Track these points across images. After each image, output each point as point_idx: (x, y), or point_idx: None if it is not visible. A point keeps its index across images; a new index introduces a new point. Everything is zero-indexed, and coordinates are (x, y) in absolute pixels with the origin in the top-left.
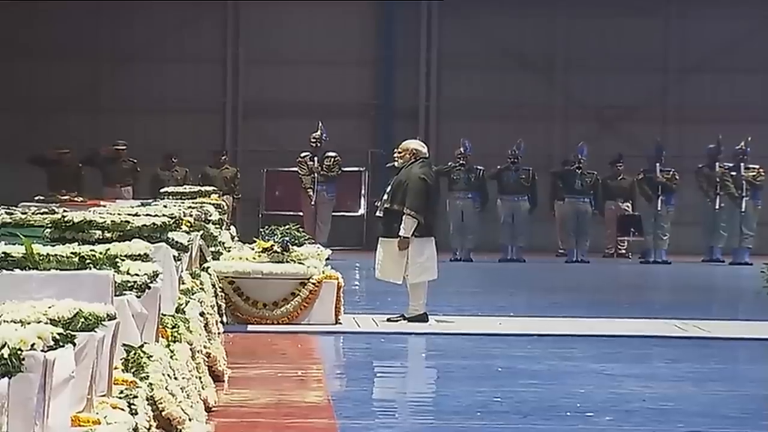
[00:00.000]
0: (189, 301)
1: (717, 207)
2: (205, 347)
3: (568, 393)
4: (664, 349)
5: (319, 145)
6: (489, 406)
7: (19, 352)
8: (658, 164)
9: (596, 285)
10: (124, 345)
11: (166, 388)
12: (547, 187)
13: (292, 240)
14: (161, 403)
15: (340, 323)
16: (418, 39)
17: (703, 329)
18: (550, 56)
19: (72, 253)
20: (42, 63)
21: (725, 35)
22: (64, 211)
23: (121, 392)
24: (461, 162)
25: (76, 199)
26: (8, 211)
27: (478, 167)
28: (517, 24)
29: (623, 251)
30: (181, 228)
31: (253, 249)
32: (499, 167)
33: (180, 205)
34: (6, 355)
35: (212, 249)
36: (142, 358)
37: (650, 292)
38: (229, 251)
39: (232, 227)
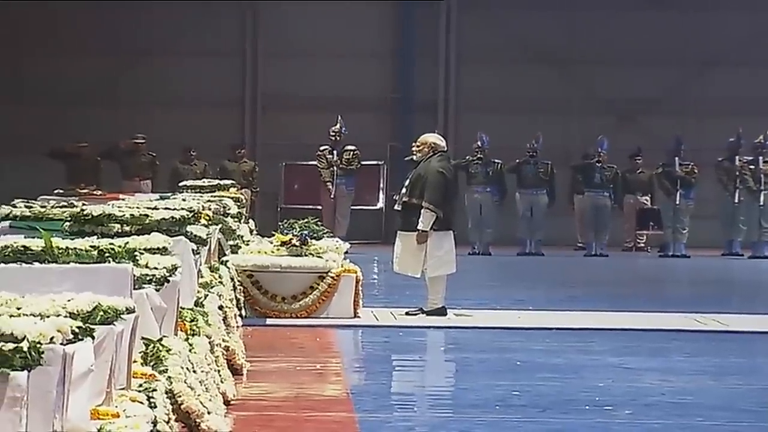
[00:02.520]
0: (208, 295)
1: (736, 201)
2: (223, 341)
3: (586, 387)
4: (683, 342)
5: (338, 138)
6: (507, 399)
7: (38, 346)
8: (677, 158)
9: (615, 279)
10: (143, 338)
11: (185, 382)
12: (566, 180)
13: (311, 234)
14: (180, 396)
15: (359, 317)
16: (436, 32)
17: (722, 323)
18: (569, 49)
19: (91, 246)
20: (61, 57)
21: (744, 28)
22: (83, 204)
23: (140, 385)
24: (479, 156)
25: (95, 192)
26: (28, 204)
27: (496, 161)
28: (535, 17)
29: (642, 245)
30: (199, 221)
31: (271, 242)
32: (517, 161)
33: (199, 199)
34: (25, 349)
35: (231, 242)
36: (161, 351)
37: (669, 286)
38: (247, 245)
39: (250, 221)
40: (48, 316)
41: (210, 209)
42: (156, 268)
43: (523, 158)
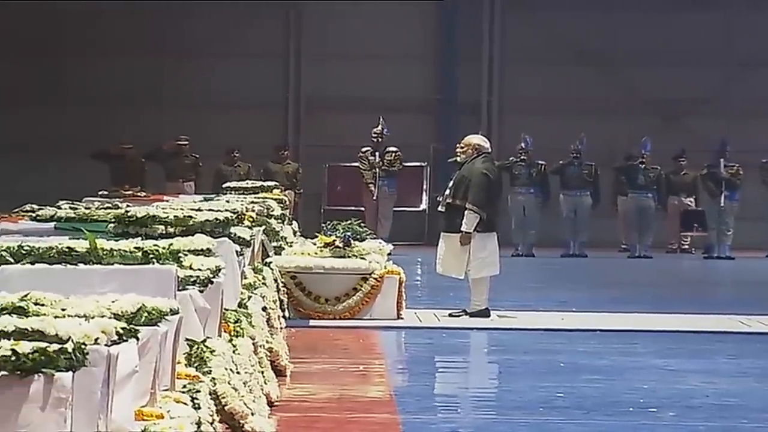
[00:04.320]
0: (251, 296)
1: None
2: (267, 342)
3: (630, 388)
4: (727, 344)
5: (380, 140)
6: (551, 401)
7: (83, 347)
8: (722, 159)
9: (659, 280)
10: (187, 339)
11: (229, 383)
12: (610, 182)
13: (354, 235)
14: (224, 397)
15: (402, 318)
16: (480, 33)
17: (767, 325)
18: (612, 50)
19: (135, 248)
20: (106, 58)
21: None
22: (128, 206)
23: (184, 386)
24: (523, 157)
25: (139, 194)
26: (72, 206)
27: (540, 162)
28: (579, 18)
29: (686, 246)
30: (243, 223)
31: (315, 244)
32: (561, 162)
33: (242, 200)
34: (70, 350)
35: (274, 244)
36: (204, 352)
37: (713, 288)
38: (291, 246)
39: (294, 222)
40: (93, 318)
41: (254, 211)
42: (200, 270)
43: (566, 160)
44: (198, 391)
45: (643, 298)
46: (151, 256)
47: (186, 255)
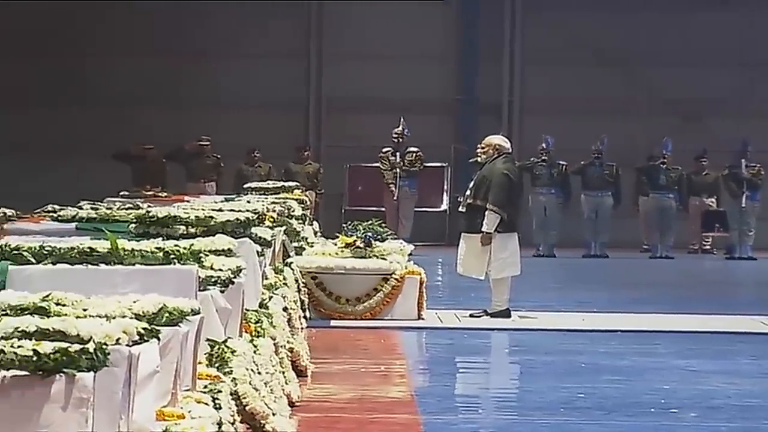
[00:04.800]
0: (272, 296)
1: None
2: (288, 342)
3: (652, 389)
4: (749, 345)
5: (400, 140)
6: (572, 402)
7: (104, 347)
8: (743, 159)
9: (680, 281)
10: (208, 340)
11: (250, 383)
12: (631, 182)
13: (375, 235)
14: (245, 397)
15: (423, 319)
16: (501, 34)
17: None
18: (633, 51)
19: (156, 248)
20: (126, 59)
21: None
22: (149, 206)
23: (205, 387)
24: (544, 157)
25: (160, 194)
26: (93, 206)
27: (561, 162)
28: (599, 18)
29: (708, 247)
30: (264, 223)
31: (335, 244)
32: (582, 163)
33: (263, 201)
34: (92, 350)
35: (295, 244)
36: (225, 352)
37: (735, 288)
38: (311, 246)
39: (314, 222)
40: (114, 318)
41: (274, 211)
42: (221, 270)
43: (588, 160)
44: (219, 392)
45: (664, 299)
46: (173, 256)
47: (207, 255)
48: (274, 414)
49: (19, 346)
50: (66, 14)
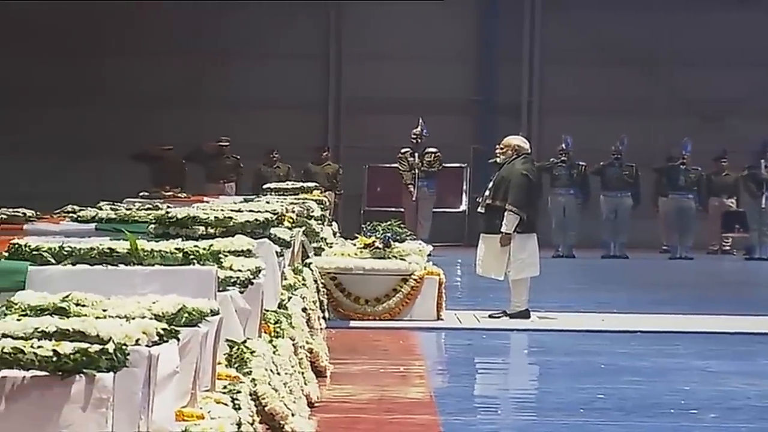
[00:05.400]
0: (291, 297)
1: None
2: (307, 343)
3: (671, 390)
4: None
5: (419, 141)
6: (592, 403)
7: (124, 347)
8: (763, 160)
9: (700, 282)
10: (227, 340)
11: (269, 384)
12: (650, 183)
13: (394, 236)
14: (264, 398)
15: (442, 319)
16: (520, 35)
17: None
18: (652, 51)
19: (176, 248)
20: (145, 60)
21: None
22: (168, 207)
23: (225, 387)
24: (563, 158)
25: (179, 195)
26: (113, 207)
27: (580, 163)
28: (619, 19)
29: (727, 248)
30: (283, 224)
31: (354, 245)
32: (602, 163)
33: (282, 201)
34: (111, 350)
35: (314, 245)
36: (245, 353)
37: (755, 289)
38: (331, 247)
39: (334, 223)
40: (133, 318)
41: (294, 212)
42: (240, 271)
43: (607, 160)
44: (238, 392)
45: (683, 300)
46: (192, 257)
47: (226, 256)
48: (293, 414)
49: (39, 347)
50: (85, 15)
